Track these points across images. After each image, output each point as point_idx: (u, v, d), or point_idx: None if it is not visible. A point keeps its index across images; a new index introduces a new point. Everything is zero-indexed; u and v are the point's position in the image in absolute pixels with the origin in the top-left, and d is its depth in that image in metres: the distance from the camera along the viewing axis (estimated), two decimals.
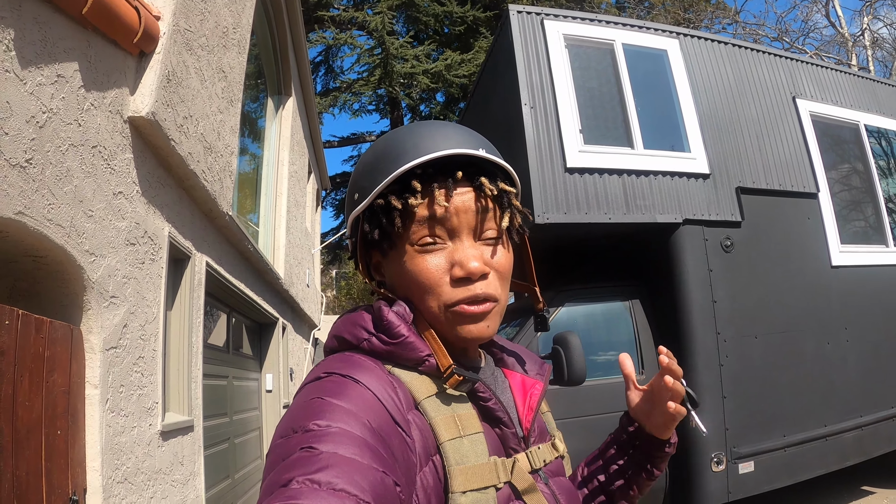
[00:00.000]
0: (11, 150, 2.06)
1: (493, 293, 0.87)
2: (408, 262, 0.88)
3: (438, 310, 0.87)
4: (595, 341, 5.05)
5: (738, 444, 4.56)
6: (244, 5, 4.94)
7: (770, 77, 5.84)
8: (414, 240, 0.87)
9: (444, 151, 0.85)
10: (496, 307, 0.89)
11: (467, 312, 0.86)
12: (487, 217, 0.88)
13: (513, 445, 0.88)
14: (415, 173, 0.86)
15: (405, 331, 0.86)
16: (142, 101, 3.03)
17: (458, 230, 0.87)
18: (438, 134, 0.89)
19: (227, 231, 4.84)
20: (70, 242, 2.45)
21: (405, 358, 0.85)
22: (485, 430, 0.85)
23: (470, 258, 0.85)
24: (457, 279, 0.86)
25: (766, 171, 5.40)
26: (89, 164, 2.61)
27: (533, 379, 1.01)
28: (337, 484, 0.61)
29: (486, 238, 0.89)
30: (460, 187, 0.87)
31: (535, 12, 5.40)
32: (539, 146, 4.94)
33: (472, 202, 0.87)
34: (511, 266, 0.93)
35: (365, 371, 0.81)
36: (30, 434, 2.09)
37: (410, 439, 0.77)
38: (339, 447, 0.66)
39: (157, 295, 3.41)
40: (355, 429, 0.69)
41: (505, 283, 0.91)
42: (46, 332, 2.28)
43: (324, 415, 0.71)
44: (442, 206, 0.85)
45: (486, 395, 0.87)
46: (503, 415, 0.88)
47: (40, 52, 2.20)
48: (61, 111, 2.37)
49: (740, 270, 4.98)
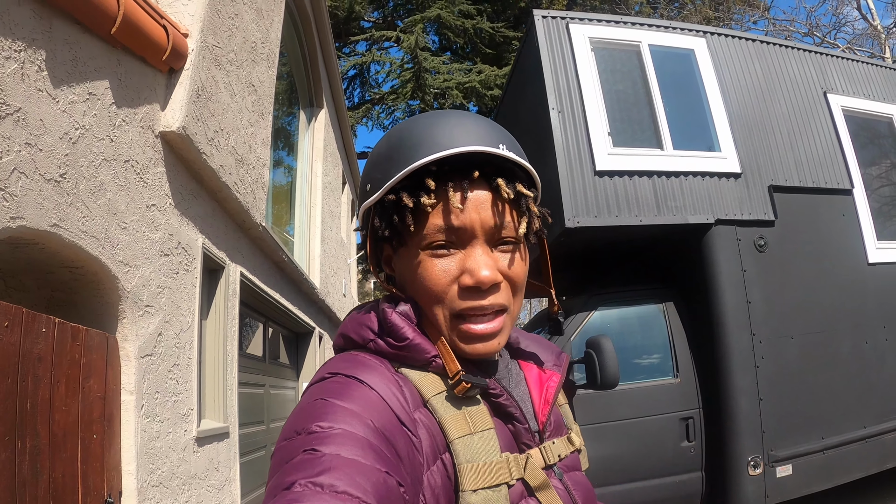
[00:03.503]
0: (46, 165, 2.15)
1: (504, 303, 0.83)
2: (416, 264, 0.84)
3: (444, 318, 0.83)
4: (629, 345, 5.01)
5: (775, 447, 4.48)
6: (272, 21, 5.05)
7: (800, 73, 5.75)
8: (424, 242, 0.82)
9: (460, 148, 0.79)
10: (507, 319, 0.85)
11: (472, 333, 0.82)
12: (504, 222, 0.82)
13: (526, 441, 0.86)
14: (429, 170, 0.80)
15: (410, 333, 0.83)
16: (172, 117, 3.13)
17: (472, 235, 0.81)
18: (458, 127, 0.83)
19: (261, 242, 4.94)
20: (105, 253, 2.54)
21: (412, 360, 0.83)
22: (497, 426, 0.83)
23: (481, 266, 0.80)
24: (465, 288, 0.81)
25: (798, 168, 5.31)
26: (122, 178, 2.71)
27: (550, 371, 0.98)
28: (339, 486, 0.61)
29: (502, 244, 0.84)
30: (476, 188, 0.81)
31: (559, 17, 5.41)
32: (568, 150, 4.93)
33: (489, 205, 0.81)
34: (526, 274, 0.89)
35: (369, 371, 0.80)
36: (66, 437, 2.18)
37: (417, 439, 0.75)
38: (341, 449, 0.65)
39: (192, 304, 3.50)
40: (358, 430, 0.69)
41: (519, 293, 0.87)
42: (82, 340, 2.37)
43: (327, 416, 0.70)
44: (455, 208, 0.80)
45: (497, 391, 0.84)
46: (515, 410, 0.85)
47: (71, 71, 2.30)
48: (94, 127, 2.46)
49: (774, 270, 4.89)
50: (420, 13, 15.80)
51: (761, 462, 4.41)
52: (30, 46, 2.06)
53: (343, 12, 16.08)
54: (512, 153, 0.83)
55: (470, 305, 0.81)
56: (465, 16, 16.25)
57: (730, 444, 4.45)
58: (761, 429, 4.48)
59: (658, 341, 5.00)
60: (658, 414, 4.65)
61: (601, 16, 5.68)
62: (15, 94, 1.98)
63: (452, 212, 0.80)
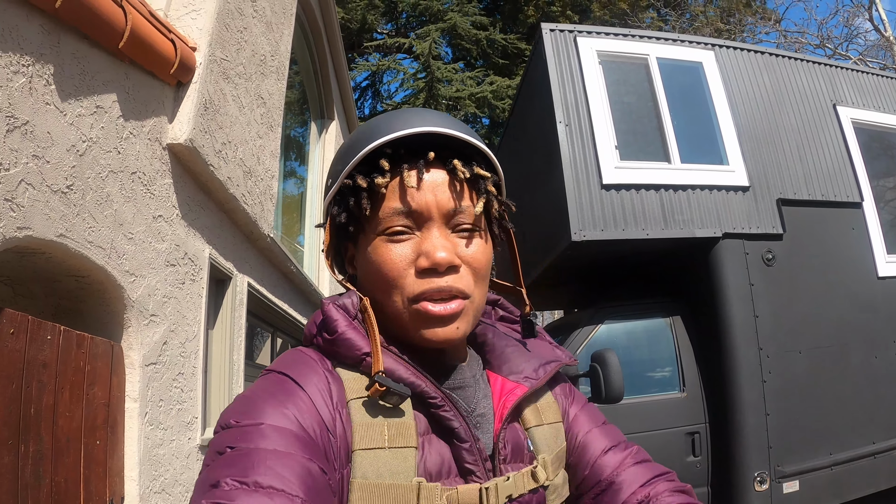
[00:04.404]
0: (53, 177, 2.21)
1: (462, 288, 0.79)
2: (372, 251, 0.81)
3: (402, 305, 0.79)
4: (635, 358, 5.00)
5: (782, 463, 4.45)
6: (282, 34, 5.13)
7: (809, 85, 5.74)
8: (381, 228, 0.80)
9: (413, 129, 0.79)
10: (468, 306, 0.81)
11: (431, 314, 0.78)
12: (461, 205, 0.81)
13: (469, 465, 0.77)
14: (384, 153, 0.80)
15: (341, 326, 0.80)
16: (180, 129, 3.19)
17: (428, 217, 0.79)
18: (415, 116, 0.82)
19: (269, 253, 4.99)
20: (111, 263, 2.59)
21: (343, 356, 0.80)
22: (435, 447, 0.77)
23: (438, 247, 0.78)
24: (421, 270, 0.78)
25: (807, 181, 5.29)
26: (129, 190, 2.76)
27: (514, 383, 0.88)
28: (263, 482, 0.61)
29: (461, 228, 0.81)
30: (432, 169, 0.80)
31: (567, 30, 5.44)
32: (575, 163, 4.95)
33: (445, 187, 0.80)
34: (488, 261, 0.85)
35: (300, 367, 0.78)
36: (69, 443, 2.22)
37: (335, 439, 0.72)
38: (265, 442, 0.65)
39: (198, 314, 3.55)
40: (280, 422, 0.68)
41: (480, 280, 0.83)
42: (87, 348, 2.41)
43: (250, 412, 0.70)
44: (410, 188, 0.79)
45: (437, 400, 0.78)
46: (457, 425, 0.78)
47: (79, 84, 2.36)
48: (101, 140, 2.52)
49: (783, 284, 4.88)
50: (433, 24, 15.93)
51: (768, 478, 4.38)
52: (38, 61, 2.12)
53: (356, 24, 16.27)
54: (473, 138, 0.83)
55: (426, 288, 0.78)
56: (478, 27, 16.38)
57: (736, 459, 4.43)
58: (768, 444, 4.46)
59: (664, 355, 4.99)
60: (664, 428, 4.62)
61: (609, 29, 5.71)
62: (23, 107, 2.03)
63: (408, 193, 0.79)
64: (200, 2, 3.47)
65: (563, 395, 1.00)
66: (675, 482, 0.92)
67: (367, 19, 16.49)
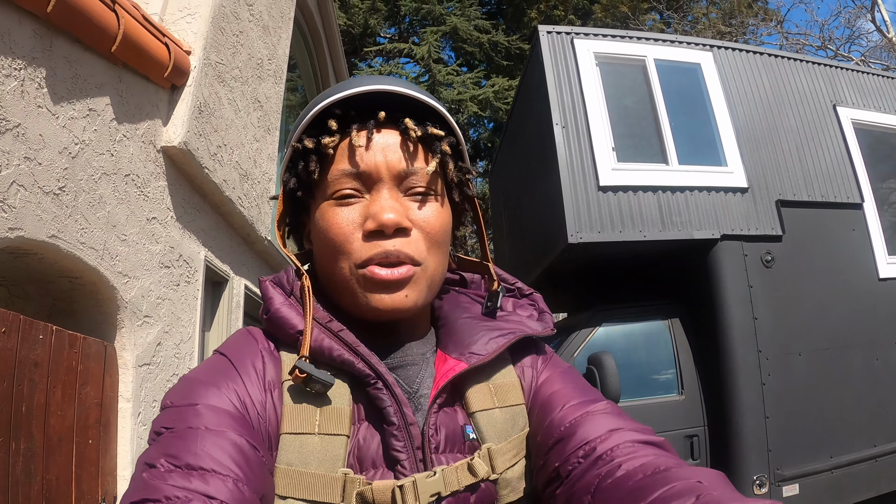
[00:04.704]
0: (45, 178, 2.23)
1: (411, 254, 0.75)
2: (320, 217, 0.78)
3: (349, 272, 0.76)
4: (634, 361, 5.01)
5: (782, 466, 4.44)
6: (279, 37, 5.16)
7: (808, 86, 5.75)
8: (329, 192, 0.77)
9: (361, 88, 0.76)
10: (419, 273, 0.76)
11: (377, 278, 0.74)
12: (414, 166, 0.77)
13: (396, 452, 0.72)
14: (334, 114, 0.77)
15: (276, 304, 0.78)
16: (174, 132, 3.21)
17: (377, 179, 0.76)
18: (368, 79, 0.79)
19: (267, 255, 5.02)
20: (103, 264, 2.62)
21: (279, 335, 0.78)
22: (365, 433, 0.73)
23: (385, 209, 0.74)
24: (368, 233, 0.74)
25: (807, 182, 5.30)
26: (122, 192, 2.79)
27: (455, 360, 0.79)
28: (195, 462, 0.62)
29: (413, 191, 0.78)
30: (384, 130, 0.77)
31: (564, 32, 5.47)
32: (572, 165, 4.97)
33: (396, 147, 0.77)
34: (445, 227, 0.81)
35: (239, 347, 0.77)
36: (61, 441, 2.24)
37: (264, 421, 0.71)
38: (195, 421, 0.66)
39: (193, 316, 3.57)
40: (213, 401, 0.68)
41: (436, 247, 0.79)
42: (80, 348, 2.44)
43: (187, 394, 0.70)
44: (358, 147, 0.76)
45: (369, 378, 0.73)
46: (389, 406, 0.72)
47: (72, 88, 2.39)
48: (94, 142, 2.55)
49: (782, 286, 4.88)
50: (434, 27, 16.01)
51: (767, 481, 4.38)
52: (30, 65, 2.15)
53: (358, 28, 16.36)
54: (424, 95, 0.80)
55: (373, 252, 0.74)
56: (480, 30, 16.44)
57: (735, 462, 4.42)
58: (767, 447, 4.45)
59: (663, 358, 4.99)
60: (662, 431, 4.59)
61: (606, 31, 5.73)
62: (15, 110, 2.06)
63: (356, 154, 0.76)
64: (195, 6, 3.50)
65: (531, 368, 0.87)
66: (644, 434, 0.74)
67: (370, 24, 16.56)
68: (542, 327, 0.88)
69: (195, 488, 0.59)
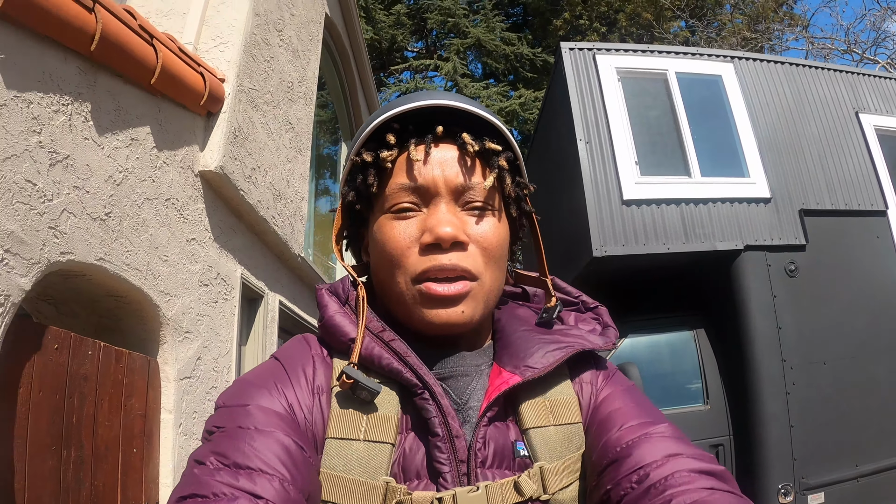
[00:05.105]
0: (92, 205, 2.40)
1: (468, 268, 0.75)
2: (378, 230, 0.79)
3: (405, 286, 0.76)
4: (659, 372, 5.06)
5: (807, 475, 4.45)
6: (308, 60, 5.34)
7: (830, 93, 5.77)
8: (387, 205, 0.78)
9: (419, 102, 0.77)
10: (475, 289, 0.76)
11: (433, 293, 0.74)
12: (471, 181, 0.78)
13: (440, 465, 0.71)
14: (392, 129, 0.78)
15: (329, 311, 0.80)
16: (211, 157, 3.39)
17: (435, 193, 0.77)
18: (425, 94, 0.80)
19: (300, 271, 5.18)
20: (147, 284, 2.78)
21: (332, 342, 0.80)
22: (412, 443, 0.73)
23: (442, 222, 0.74)
24: (425, 246, 0.75)
25: (830, 190, 5.31)
26: (163, 215, 2.96)
27: (508, 373, 0.78)
28: (243, 462, 0.64)
29: (471, 205, 0.78)
30: (441, 144, 0.78)
31: (587, 48, 5.57)
32: (595, 180, 5.07)
33: (454, 162, 0.77)
34: (502, 242, 0.81)
35: (292, 352, 0.81)
36: (108, 450, 2.40)
37: (311, 425, 0.73)
38: (246, 421, 0.68)
39: (231, 331, 3.73)
40: (263, 402, 0.71)
41: (492, 262, 0.78)
42: (125, 362, 2.60)
43: (239, 395, 0.73)
44: (416, 161, 0.76)
45: (416, 388, 0.74)
46: (434, 417, 0.72)
47: (115, 119, 2.57)
48: (136, 170, 2.72)
49: (806, 295, 4.90)
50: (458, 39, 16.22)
51: (792, 490, 4.39)
52: (76, 100, 2.32)
53: (386, 43, 16.62)
54: (482, 110, 0.79)
55: (429, 265, 0.74)
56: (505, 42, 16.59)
57: (760, 471, 4.45)
58: (792, 456, 4.47)
59: (688, 368, 5.04)
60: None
61: (628, 45, 5.84)
62: (64, 143, 2.24)
63: (414, 168, 0.76)
64: (228, 34, 3.68)
65: (591, 384, 0.85)
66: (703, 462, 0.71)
67: (396, 38, 16.82)
68: (604, 341, 0.86)
69: (242, 486, 0.61)
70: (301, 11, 5.12)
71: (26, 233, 2.02)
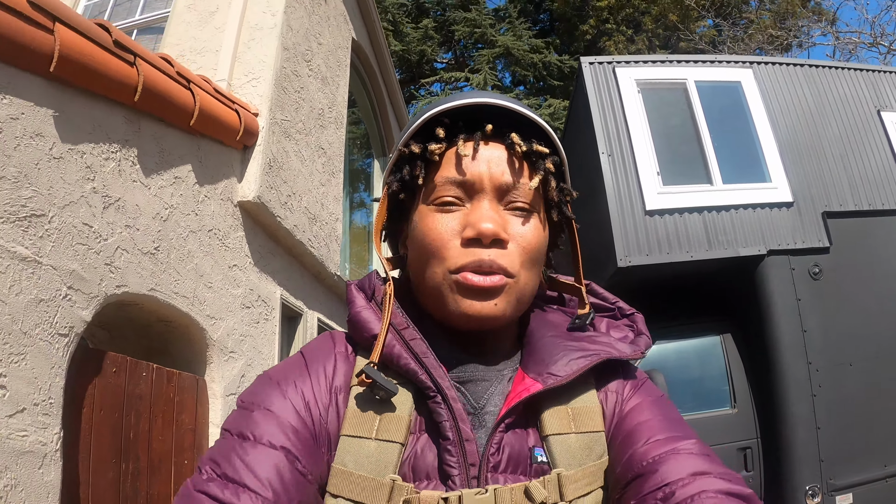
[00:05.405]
0: (142, 241, 2.66)
1: (505, 266, 0.75)
2: (420, 221, 0.80)
3: (443, 277, 0.76)
4: (687, 377, 5.11)
5: (835, 476, 4.48)
6: (338, 85, 5.59)
7: (851, 92, 5.75)
8: (432, 197, 0.79)
9: (470, 99, 0.79)
10: (511, 284, 0.77)
11: (469, 283, 0.74)
12: (517, 181, 0.78)
13: (449, 467, 0.72)
14: (442, 122, 0.80)
15: (357, 306, 0.82)
16: (248, 188, 3.63)
17: (480, 189, 0.78)
18: (476, 93, 0.81)
19: (337, 289, 5.41)
20: (194, 309, 3.03)
21: (358, 338, 0.81)
22: (423, 444, 0.74)
23: (484, 218, 0.75)
24: (466, 240, 0.76)
25: (853, 191, 5.31)
26: (207, 245, 3.21)
27: (531, 380, 0.78)
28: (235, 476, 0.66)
29: (514, 205, 0.79)
30: (490, 142, 0.79)
31: (606, 62, 5.69)
32: (618, 192, 5.17)
33: (501, 161, 0.78)
34: (541, 245, 0.81)
35: (316, 348, 0.83)
36: (162, 462, 2.64)
37: (325, 423, 0.75)
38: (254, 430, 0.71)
39: (272, 349, 3.97)
40: (276, 407, 0.73)
41: (529, 263, 0.79)
42: (176, 382, 2.85)
43: (257, 394, 0.76)
44: (464, 156, 0.77)
45: (430, 390, 0.74)
46: (445, 420, 0.73)
47: (159, 161, 2.82)
48: (180, 205, 2.98)
49: (831, 297, 4.92)
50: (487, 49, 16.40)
51: (820, 491, 4.41)
52: (123, 146, 2.58)
53: (415, 56, 16.89)
54: (531, 113, 0.81)
55: (469, 260, 0.75)
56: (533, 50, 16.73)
57: (787, 473, 4.49)
58: (819, 457, 4.49)
59: (715, 372, 5.09)
60: (716, 444, 4.71)
61: (647, 57, 5.94)
62: (115, 186, 2.49)
63: (462, 162, 0.78)
64: (259, 70, 3.94)
65: (617, 393, 0.84)
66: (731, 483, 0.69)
67: (426, 52, 17.09)
68: (633, 350, 0.84)
69: (227, 500, 0.64)
70: (328, 39, 5.37)
71: (86, 270, 2.28)
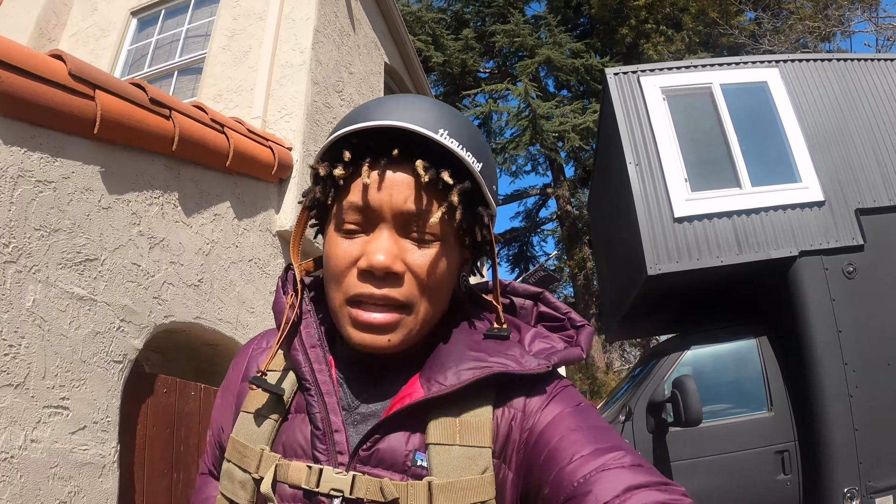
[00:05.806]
0: (187, 275, 2.95)
1: (399, 298, 0.74)
2: (327, 243, 0.79)
3: (340, 305, 0.76)
4: (723, 381, 5.08)
5: (874, 478, 4.39)
6: None
7: (881, 84, 5.59)
8: (337, 221, 0.77)
9: (375, 122, 0.73)
10: (405, 319, 0.76)
11: (361, 320, 0.74)
12: (420, 210, 0.74)
13: (319, 454, 0.75)
14: (351, 143, 0.75)
15: (279, 296, 0.86)
16: (285, 218, 3.91)
17: (380, 219, 0.75)
18: (398, 105, 0.76)
19: None
20: (237, 333, 3.32)
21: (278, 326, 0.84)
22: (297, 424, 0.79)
23: (378, 250, 0.73)
24: (361, 272, 0.74)
25: (886, 186, 5.12)
26: (247, 274, 3.50)
27: (419, 387, 0.77)
28: (202, 461, 0.97)
29: (415, 234, 0.76)
30: (398, 167, 0.74)
31: (630, 71, 5.73)
32: (647, 201, 5.16)
33: (405, 188, 0.74)
34: (443, 272, 0.78)
35: (256, 337, 0.98)
36: None
37: (238, 407, 0.87)
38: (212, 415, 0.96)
39: None
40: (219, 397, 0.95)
41: (429, 292, 0.77)
42: None
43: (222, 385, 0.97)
44: (364, 183, 0.74)
45: (307, 383, 0.78)
46: (316, 411, 0.76)
47: (199, 201, 3.12)
48: (221, 240, 3.27)
49: (866, 296, 4.80)
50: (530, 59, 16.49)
51: (858, 493, 4.34)
52: (165, 191, 2.88)
53: (457, 67, 17.10)
54: (448, 140, 0.74)
55: (360, 291, 0.74)
56: (574, 55, 16.75)
57: (825, 475, 4.42)
58: (857, 459, 4.39)
59: (751, 375, 5.02)
60: (753, 448, 4.70)
61: (671, 63, 5.91)
62: (159, 228, 2.79)
63: (364, 189, 0.74)
64: (291, 106, 4.22)
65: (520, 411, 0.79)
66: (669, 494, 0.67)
67: (467, 63, 17.29)
68: (536, 364, 0.79)
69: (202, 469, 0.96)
70: (359, 67, 5.64)
71: (136, 304, 2.58)
